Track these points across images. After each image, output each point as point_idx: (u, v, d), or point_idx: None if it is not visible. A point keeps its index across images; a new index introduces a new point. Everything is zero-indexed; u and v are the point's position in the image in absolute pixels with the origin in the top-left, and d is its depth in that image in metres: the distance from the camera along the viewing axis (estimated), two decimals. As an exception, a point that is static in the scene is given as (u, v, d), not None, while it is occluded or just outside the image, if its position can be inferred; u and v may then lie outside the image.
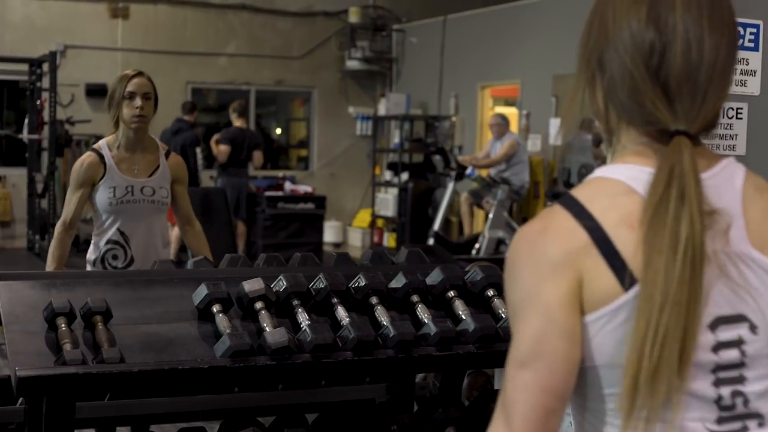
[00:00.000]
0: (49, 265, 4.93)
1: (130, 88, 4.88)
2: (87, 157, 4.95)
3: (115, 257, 4.90)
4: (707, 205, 1.51)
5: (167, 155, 5.05)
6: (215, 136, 13.42)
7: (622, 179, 1.58)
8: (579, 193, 1.59)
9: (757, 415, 1.57)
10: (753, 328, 1.56)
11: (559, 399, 1.53)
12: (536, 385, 1.51)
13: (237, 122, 13.32)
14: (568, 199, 1.59)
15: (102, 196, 4.88)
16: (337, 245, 16.21)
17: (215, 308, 3.28)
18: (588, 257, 1.53)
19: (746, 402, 1.56)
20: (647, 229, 1.49)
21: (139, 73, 4.97)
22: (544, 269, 1.53)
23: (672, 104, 1.56)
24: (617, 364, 1.51)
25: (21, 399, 3.46)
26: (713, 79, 1.57)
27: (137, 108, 4.85)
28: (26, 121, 13.81)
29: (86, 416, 3.49)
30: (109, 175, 4.88)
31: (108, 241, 4.91)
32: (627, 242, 1.52)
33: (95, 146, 5.01)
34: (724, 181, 1.60)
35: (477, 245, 12.31)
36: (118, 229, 4.89)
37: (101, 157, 4.90)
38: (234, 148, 12.98)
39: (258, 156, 13.23)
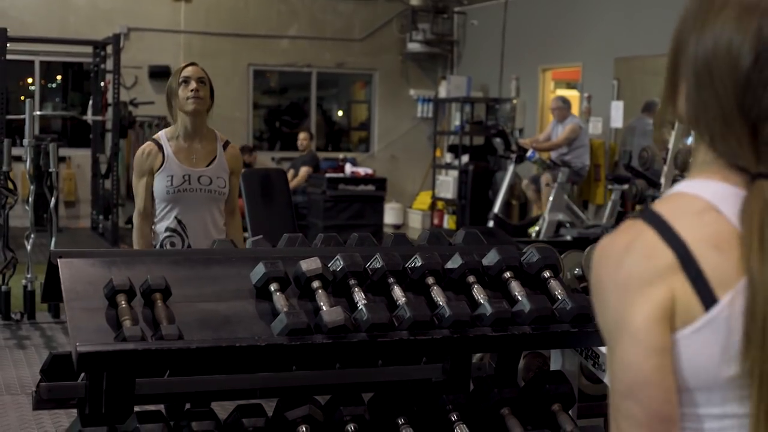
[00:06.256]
0: None
1: (184, 74, 4.96)
2: (146, 146, 5.04)
3: (173, 245, 4.96)
4: None
5: (225, 146, 5.08)
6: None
7: (706, 197, 1.46)
8: (662, 208, 1.47)
9: None
10: None
11: (670, 420, 1.45)
12: (642, 413, 1.44)
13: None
14: (651, 214, 1.47)
15: (160, 184, 4.93)
16: (397, 227, 16.23)
17: (273, 287, 3.31)
18: (675, 276, 1.42)
19: None
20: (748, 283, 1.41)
21: (192, 63, 5.07)
22: (632, 290, 1.44)
23: (757, 147, 1.43)
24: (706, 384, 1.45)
25: (82, 375, 3.53)
26: None
27: (192, 90, 4.91)
28: (90, 102, 13.97)
29: (146, 393, 3.55)
30: (167, 164, 4.93)
31: (166, 229, 4.98)
32: (713, 263, 1.42)
33: (155, 136, 5.08)
34: None
35: (536, 228, 12.27)
36: (175, 217, 4.95)
37: (160, 146, 4.97)
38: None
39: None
